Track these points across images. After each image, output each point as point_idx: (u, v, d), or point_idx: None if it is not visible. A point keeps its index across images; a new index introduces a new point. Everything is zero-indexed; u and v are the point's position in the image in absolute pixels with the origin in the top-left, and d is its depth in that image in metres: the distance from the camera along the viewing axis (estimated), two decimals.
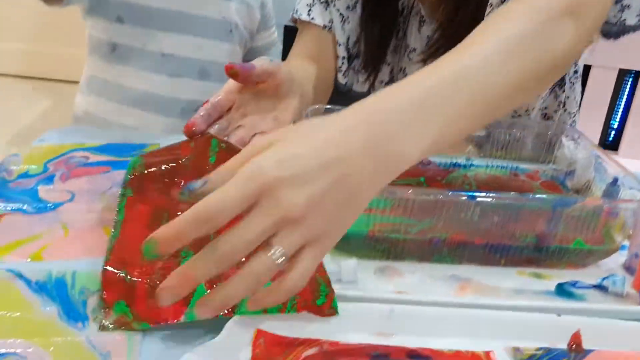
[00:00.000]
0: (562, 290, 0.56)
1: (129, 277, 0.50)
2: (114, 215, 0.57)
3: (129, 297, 0.49)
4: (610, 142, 1.65)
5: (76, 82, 1.04)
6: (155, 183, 0.60)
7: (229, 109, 0.68)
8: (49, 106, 2.65)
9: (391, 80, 0.90)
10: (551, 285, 0.57)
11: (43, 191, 0.64)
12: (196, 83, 0.94)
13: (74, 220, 0.60)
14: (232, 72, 0.64)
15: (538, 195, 0.57)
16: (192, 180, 0.52)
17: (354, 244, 0.57)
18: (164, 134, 0.84)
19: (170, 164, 0.61)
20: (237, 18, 0.98)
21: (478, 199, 0.54)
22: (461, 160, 0.74)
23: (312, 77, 0.82)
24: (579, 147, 0.71)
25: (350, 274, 0.54)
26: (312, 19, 0.84)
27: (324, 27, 0.84)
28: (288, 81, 0.70)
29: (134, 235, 0.53)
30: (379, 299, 0.51)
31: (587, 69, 1.52)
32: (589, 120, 1.58)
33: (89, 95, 0.97)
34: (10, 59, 2.78)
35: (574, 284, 0.57)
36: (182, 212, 0.51)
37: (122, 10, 0.91)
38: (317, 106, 0.71)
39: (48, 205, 0.62)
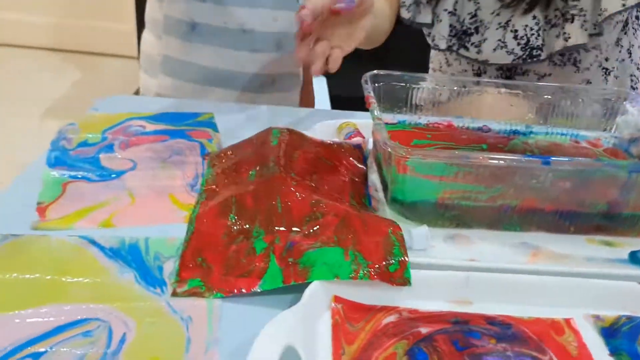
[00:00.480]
0: (637, 258, 0.55)
1: (205, 263, 0.50)
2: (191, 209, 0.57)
3: (204, 275, 0.48)
4: None
5: (103, 55, 1.02)
6: (226, 179, 0.60)
7: None
8: (78, 78, 2.66)
9: (455, 10, 0.90)
10: (624, 253, 0.56)
11: (105, 159, 0.64)
12: (273, 55, 0.93)
13: (140, 187, 0.60)
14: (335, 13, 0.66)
15: (613, 161, 0.56)
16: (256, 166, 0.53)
17: (423, 211, 0.56)
18: (223, 104, 0.84)
19: (235, 160, 0.62)
20: None
21: (553, 165, 0.53)
22: (521, 128, 0.72)
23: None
24: None
25: (422, 242, 0.53)
26: None
27: None
28: (369, 6, 0.71)
29: (208, 226, 0.53)
30: (453, 266, 0.50)
31: None
32: None
33: (163, 76, 0.95)
34: (39, 32, 2.79)
35: None
36: (249, 195, 0.52)
37: None
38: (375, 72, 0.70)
39: (112, 173, 0.62)
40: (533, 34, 0.87)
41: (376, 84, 0.70)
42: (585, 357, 0.43)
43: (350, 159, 0.65)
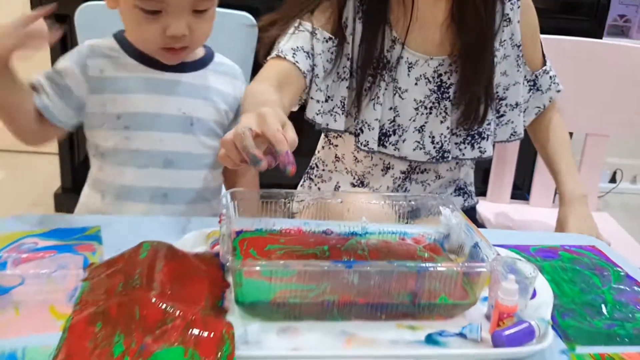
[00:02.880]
0: (431, 339, 0.69)
1: None
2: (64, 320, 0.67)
3: None
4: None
5: (30, 152, 1.16)
6: (99, 291, 0.71)
7: None
8: (2, 178, 2.72)
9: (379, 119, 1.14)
10: (422, 335, 0.70)
11: None
12: (161, 172, 1.05)
13: (25, 301, 0.71)
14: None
15: (404, 263, 0.71)
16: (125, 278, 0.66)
17: (259, 310, 0.69)
18: (112, 217, 0.96)
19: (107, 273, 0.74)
20: (200, 114, 1.06)
21: (354, 267, 0.68)
22: (358, 229, 0.87)
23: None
24: (453, 216, 0.85)
25: (255, 336, 0.66)
26: (297, 62, 1.02)
27: (304, 73, 1.03)
28: None
29: (78, 334, 0.64)
30: (277, 356, 0.63)
31: None
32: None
33: (88, 189, 1.09)
34: None
35: (440, 333, 0.70)
36: (115, 305, 0.63)
37: (105, 120, 1.02)
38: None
39: (1, 288, 0.73)
40: (446, 140, 1.12)
41: (235, 200, 0.84)
42: None
43: (209, 266, 0.78)
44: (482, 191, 1.86)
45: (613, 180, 3.35)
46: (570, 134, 1.57)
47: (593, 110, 1.66)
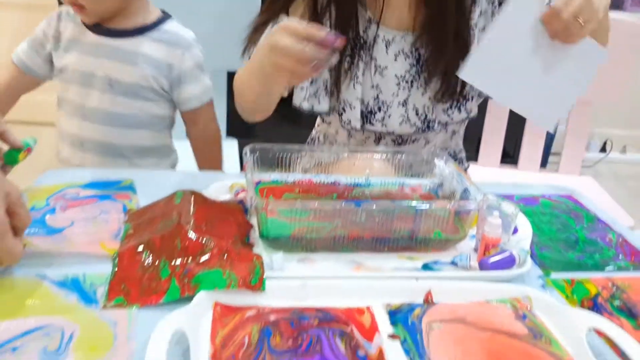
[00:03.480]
0: (427, 267, 0.81)
1: (125, 288, 0.72)
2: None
3: (125, 295, 0.71)
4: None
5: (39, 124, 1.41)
6: (141, 229, 0.83)
7: None
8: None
9: (362, 98, 1.20)
10: (420, 264, 0.82)
11: (50, 220, 0.86)
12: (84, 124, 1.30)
13: (76, 239, 0.82)
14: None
15: (402, 203, 0.82)
16: (164, 219, 0.77)
17: (281, 243, 0.81)
18: (133, 172, 1.07)
19: (147, 216, 0.86)
20: (120, 76, 1.26)
21: (362, 207, 0.79)
22: (362, 181, 0.99)
23: None
24: (446, 166, 0.97)
25: (279, 264, 0.78)
26: None
27: None
28: None
29: (127, 262, 0.76)
30: (296, 276, 0.75)
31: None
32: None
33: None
34: None
35: (435, 262, 0.82)
36: (158, 238, 0.75)
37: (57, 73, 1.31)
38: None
39: (56, 229, 0.84)
40: (429, 111, 1.19)
41: (255, 154, 0.95)
42: (374, 326, 0.68)
43: (235, 211, 0.89)
44: (474, 157, 1.98)
45: (603, 149, 3.47)
46: None
47: None
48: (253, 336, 0.65)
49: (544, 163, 2.22)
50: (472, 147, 1.88)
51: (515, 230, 0.87)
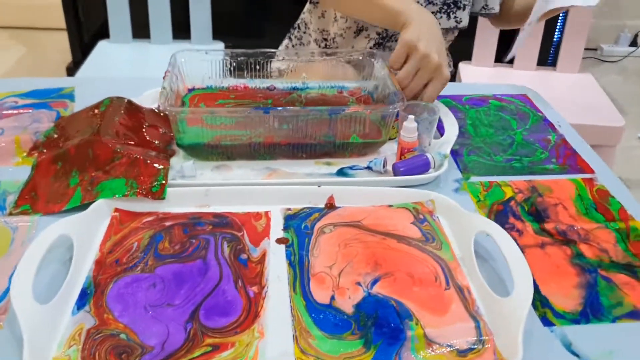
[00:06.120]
0: (341, 172, 0.81)
1: (35, 195, 0.74)
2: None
3: (33, 203, 0.73)
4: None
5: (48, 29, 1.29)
6: (63, 135, 0.84)
7: None
8: (24, 53, 2.86)
9: None
10: (335, 169, 0.81)
11: None
12: None
13: (2, 145, 0.84)
14: None
15: (315, 107, 0.81)
16: (85, 126, 0.78)
17: (198, 151, 0.81)
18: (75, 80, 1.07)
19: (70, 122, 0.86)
20: None
21: (272, 113, 0.78)
22: (299, 85, 0.97)
23: None
24: (381, 68, 0.94)
25: (189, 171, 0.78)
26: None
27: None
28: None
29: (43, 171, 0.78)
30: (201, 184, 0.76)
31: None
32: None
33: None
34: None
35: (351, 167, 0.81)
36: (73, 147, 0.75)
37: None
38: None
39: None
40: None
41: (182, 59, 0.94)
42: (266, 230, 0.69)
43: (164, 118, 0.89)
44: (468, 56, 1.91)
45: (634, 43, 3.27)
46: None
47: None
48: (143, 242, 0.67)
49: (545, 62, 2.13)
50: (467, 45, 1.82)
51: (443, 132, 0.85)
